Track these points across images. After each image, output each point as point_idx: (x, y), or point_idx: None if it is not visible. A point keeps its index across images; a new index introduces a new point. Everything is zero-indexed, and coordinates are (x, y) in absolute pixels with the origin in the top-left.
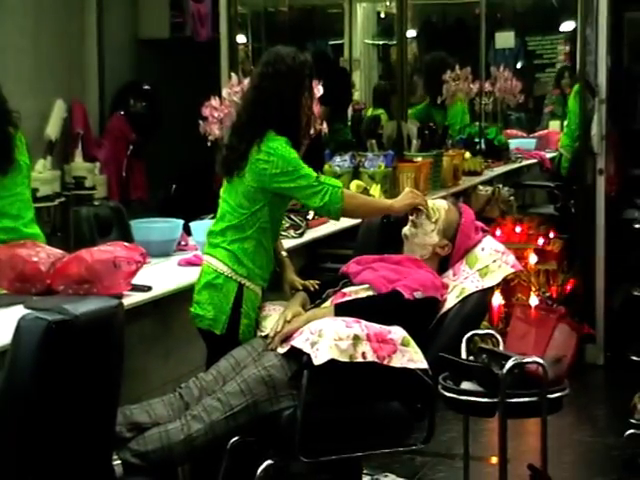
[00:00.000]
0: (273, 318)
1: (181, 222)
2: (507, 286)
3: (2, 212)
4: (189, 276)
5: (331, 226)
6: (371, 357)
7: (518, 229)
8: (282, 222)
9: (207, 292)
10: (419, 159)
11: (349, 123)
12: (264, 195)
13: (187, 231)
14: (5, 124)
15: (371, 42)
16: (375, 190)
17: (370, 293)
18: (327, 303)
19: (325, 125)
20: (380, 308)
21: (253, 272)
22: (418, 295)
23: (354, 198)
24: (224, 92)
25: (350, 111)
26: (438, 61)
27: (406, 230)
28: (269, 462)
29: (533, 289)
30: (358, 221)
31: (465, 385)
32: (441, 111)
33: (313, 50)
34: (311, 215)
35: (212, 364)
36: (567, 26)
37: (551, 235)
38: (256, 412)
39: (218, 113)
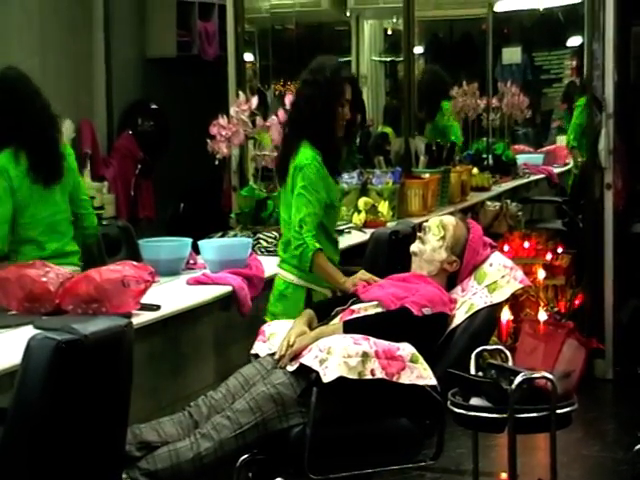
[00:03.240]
0: (280, 336)
1: (189, 241)
2: (516, 301)
3: (52, 229)
4: (198, 295)
5: (339, 243)
6: (380, 374)
7: (526, 244)
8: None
9: (280, 304)
10: (427, 175)
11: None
12: None
13: (195, 250)
14: (52, 130)
15: (378, 59)
16: (383, 206)
17: (379, 310)
18: (336, 320)
19: None
20: (389, 325)
21: (319, 277)
22: (426, 311)
23: (321, 264)
24: (232, 110)
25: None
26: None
27: (414, 247)
28: None
29: (542, 304)
30: (366, 238)
31: (474, 401)
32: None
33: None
34: None
35: None
36: (574, 41)
37: (559, 250)
38: (265, 430)
39: (226, 132)
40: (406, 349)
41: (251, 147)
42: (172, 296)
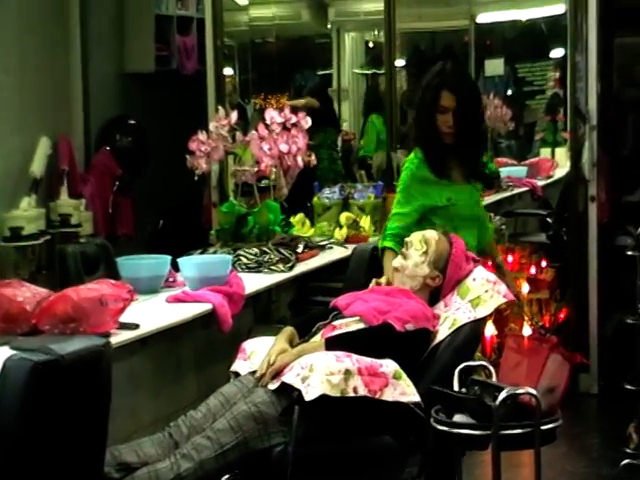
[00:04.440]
0: (261, 354)
1: (169, 258)
2: (499, 316)
3: None
4: (177, 313)
5: (321, 259)
6: (363, 391)
7: (510, 258)
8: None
9: None
10: None
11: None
12: None
13: (175, 267)
14: None
15: (360, 72)
16: (365, 221)
17: (361, 325)
18: (317, 337)
19: (314, 157)
20: (371, 341)
21: None
22: (409, 327)
23: (383, 262)
24: (211, 126)
25: (340, 142)
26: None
27: (396, 262)
28: None
29: (526, 319)
30: (348, 253)
31: (457, 418)
32: None
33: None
34: (301, 248)
35: None
36: (557, 53)
37: (543, 264)
38: (246, 449)
39: (205, 147)
40: (389, 365)
41: (231, 162)
42: (151, 314)
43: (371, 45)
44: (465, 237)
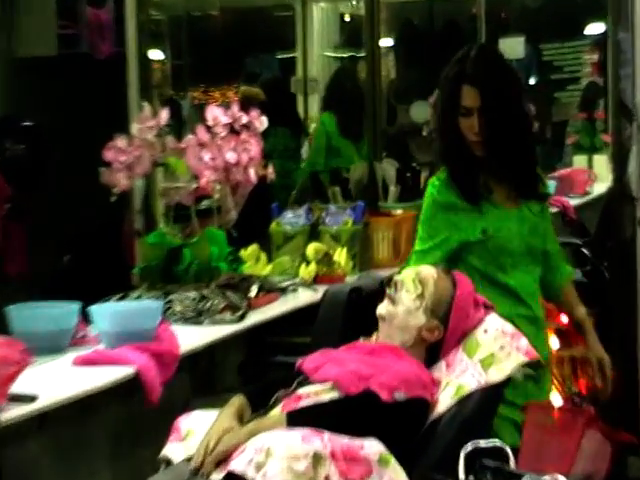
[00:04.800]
0: (201, 434)
1: (77, 306)
2: None
3: None
4: (88, 380)
5: (281, 306)
6: None
7: None
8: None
9: None
10: (399, 211)
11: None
12: None
13: (86, 318)
14: None
15: (332, 54)
16: (340, 255)
17: (335, 395)
18: (277, 410)
19: (271, 170)
20: (348, 416)
21: None
22: (399, 396)
23: None
24: (134, 128)
25: (306, 148)
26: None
27: (382, 309)
28: None
29: (555, 383)
30: (318, 297)
31: None
32: None
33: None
34: (254, 291)
35: None
36: (594, 29)
37: None
38: None
39: (125, 157)
40: (373, 447)
41: (160, 177)
42: (53, 382)
43: (347, 19)
44: (521, 280)
